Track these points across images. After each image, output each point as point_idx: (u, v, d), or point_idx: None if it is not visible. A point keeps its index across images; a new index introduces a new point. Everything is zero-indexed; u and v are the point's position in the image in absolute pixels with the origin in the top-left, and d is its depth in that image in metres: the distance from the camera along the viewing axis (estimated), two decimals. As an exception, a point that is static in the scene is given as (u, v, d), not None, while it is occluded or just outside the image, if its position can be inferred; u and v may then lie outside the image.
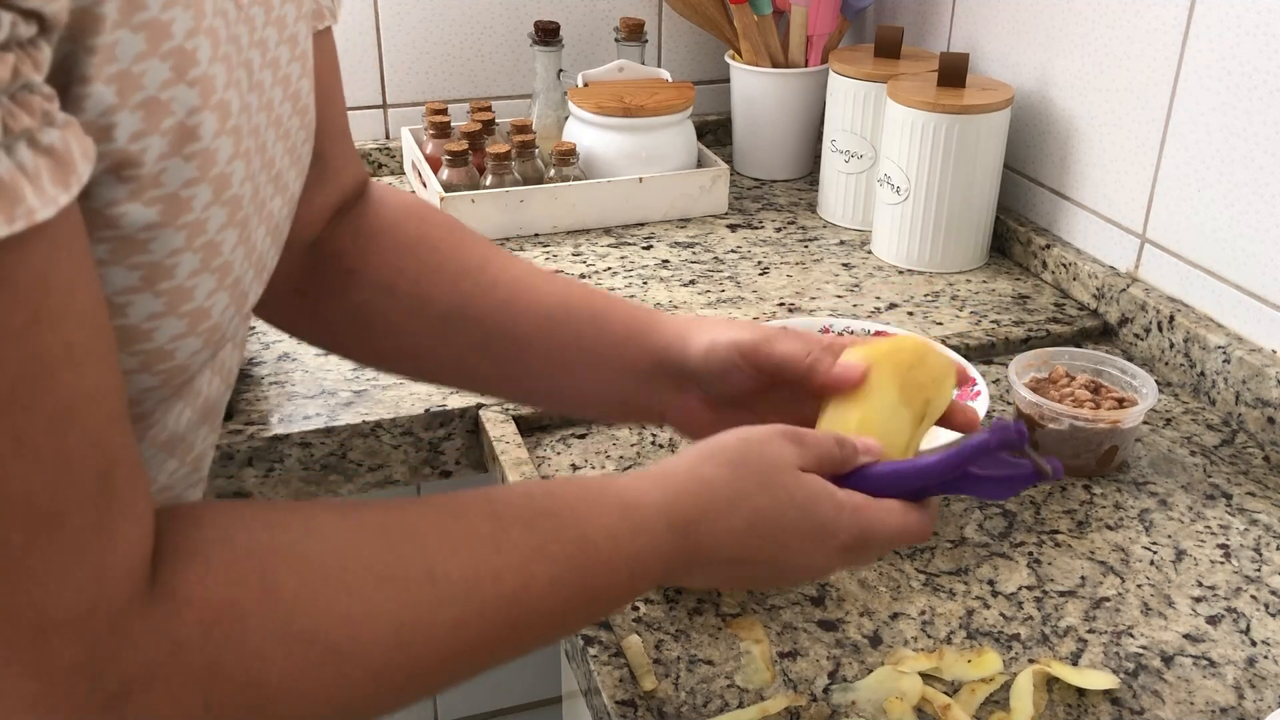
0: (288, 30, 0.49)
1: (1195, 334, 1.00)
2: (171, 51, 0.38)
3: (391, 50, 1.39)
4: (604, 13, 1.46)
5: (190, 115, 0.39)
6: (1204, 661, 0.72)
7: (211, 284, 0.44)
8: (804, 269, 1.21)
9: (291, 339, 1.04)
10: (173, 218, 0.41)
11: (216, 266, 0.44)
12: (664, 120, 1.29)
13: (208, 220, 0.42)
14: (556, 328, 0.70)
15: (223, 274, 0.44)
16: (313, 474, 0.92)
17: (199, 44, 0.39)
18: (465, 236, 0.73)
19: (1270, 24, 0.92)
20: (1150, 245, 1.08)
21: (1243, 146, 0.96)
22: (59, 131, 0.34)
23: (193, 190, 0.41)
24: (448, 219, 0.74)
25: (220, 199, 0.42)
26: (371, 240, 0.70)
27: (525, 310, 0.70)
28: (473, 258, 0.71)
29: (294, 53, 0.50)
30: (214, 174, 0.42)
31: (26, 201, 0.32)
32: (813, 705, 0.68)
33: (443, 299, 0.70)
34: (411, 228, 0.71)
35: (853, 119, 1.26)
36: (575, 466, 0.89)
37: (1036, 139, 1.21)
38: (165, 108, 0.38)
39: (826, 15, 1.36)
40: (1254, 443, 0.94)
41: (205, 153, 0.41)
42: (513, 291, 0.70)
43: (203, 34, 0.40)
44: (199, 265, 0.43)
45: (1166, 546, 0.82)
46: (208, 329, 0.45)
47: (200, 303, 0.44)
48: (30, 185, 0.33)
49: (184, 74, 0.39)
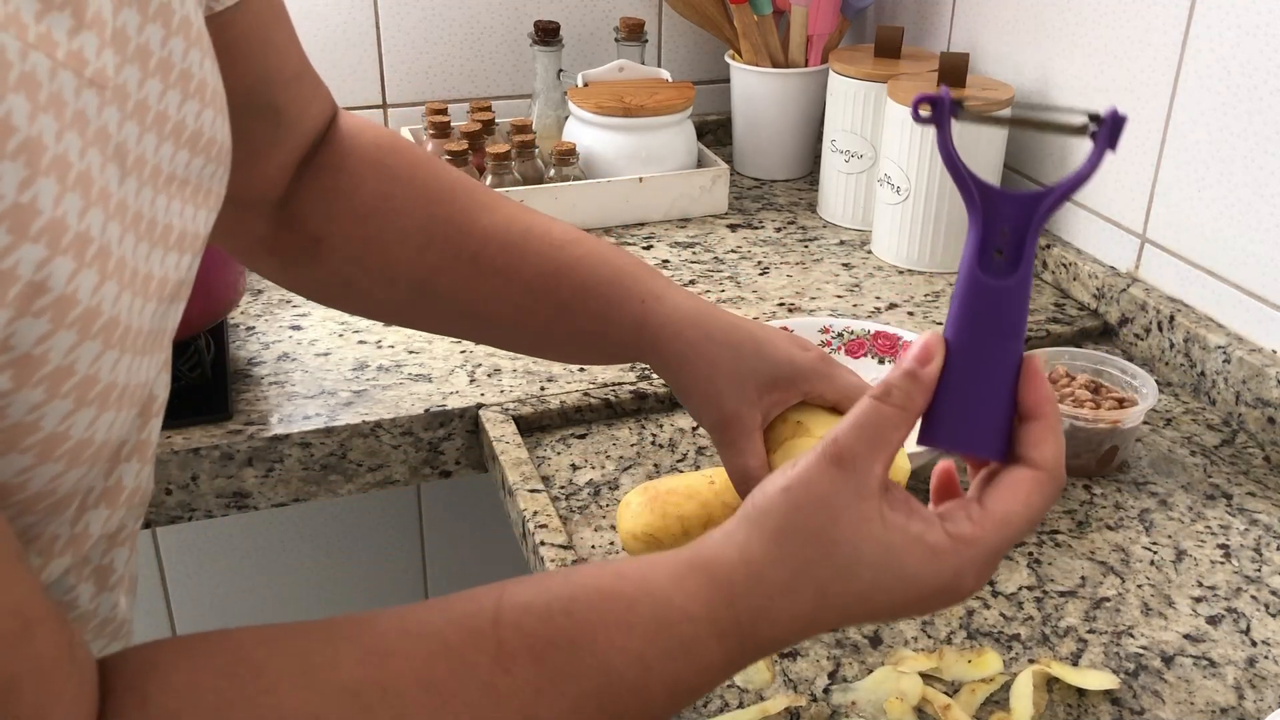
0: (175, 69, 0.45)
1: (1195, 334, 1.00)
2: (5, 214, 0.33)
3: (391, 50, 1.39)
4: (604, 13, 1.46)
5: (38, 270, 0.35)
6: (1204, 661, 0.72)
7: (90, 414, 0.40)
8: (804, 269, 1.21)
9: (291, 340, 1.04)
10: (27, 378, 0.36)
11: (92, 397, 0.39)
12: (664, 120, 1.29)
13: (75, 361, 0.38)
14: (526, 313, 0.70)
15: (104, 397, 0.40)
16: (313, 474, 0.92)
17: (39, 190, 0.34)
18: (431, 191, 0.69)
19: (1270, 24, 0.92)
20: (1150, 245, 1.08)
21: (1243, 146, 0.96)
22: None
23: (48, 344, 0.36)
24: (413, 168, 0.69)
25: (90, 333, 0.38)
26: (334, 206, 0.67)
27: (492, 290, 0.69)
28: (437, 221, 0.68)
29: (188, 90, 0.46)
30: (74, 315, 0.37)
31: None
32: (813, 705, 0.68)
33: (410, 273, 0.68)
34: (372, 187, 0.68)
35: (853, 119, 1.26)
36: (575, 466, 0.89)
37: (1036, 139, 1.21)
38: (10, 275, 0.34)
39: (826, 15, 1.36)
40: (1254, 443, 0.94)
41: (60, 299, 0.36)
42: (478, 269, 0.68)
43: (43, 175, 0.35)
44: (71, 406, 0.38)
45: (1166, 546, 0.82)
46: (91, 452, 0.41)
47: (79, 436, 0.40)
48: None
49: (25, 231, 0.34)
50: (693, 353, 0.68)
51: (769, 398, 0.69)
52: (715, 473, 0.77)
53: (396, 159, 0.70)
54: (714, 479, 0.77)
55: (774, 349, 0.69)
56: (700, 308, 0.70)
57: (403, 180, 0.69)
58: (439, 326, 0.73)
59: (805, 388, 0.69)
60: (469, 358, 1.01)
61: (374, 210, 0.68)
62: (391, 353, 1.02)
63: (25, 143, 0.34)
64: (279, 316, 1.09)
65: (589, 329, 0.70)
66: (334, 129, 0.69)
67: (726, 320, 0.70)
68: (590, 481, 0.87)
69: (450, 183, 0.70)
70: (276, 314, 1.09)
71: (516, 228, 0.69)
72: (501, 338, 0.74)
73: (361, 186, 0.68)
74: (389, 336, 1.05)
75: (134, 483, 0.48)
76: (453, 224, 0.68)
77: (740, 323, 0.70)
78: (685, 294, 0.71)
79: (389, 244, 0.68)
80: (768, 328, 0.71)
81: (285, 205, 0.68)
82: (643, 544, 0.75)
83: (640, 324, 0.69)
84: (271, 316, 1.08)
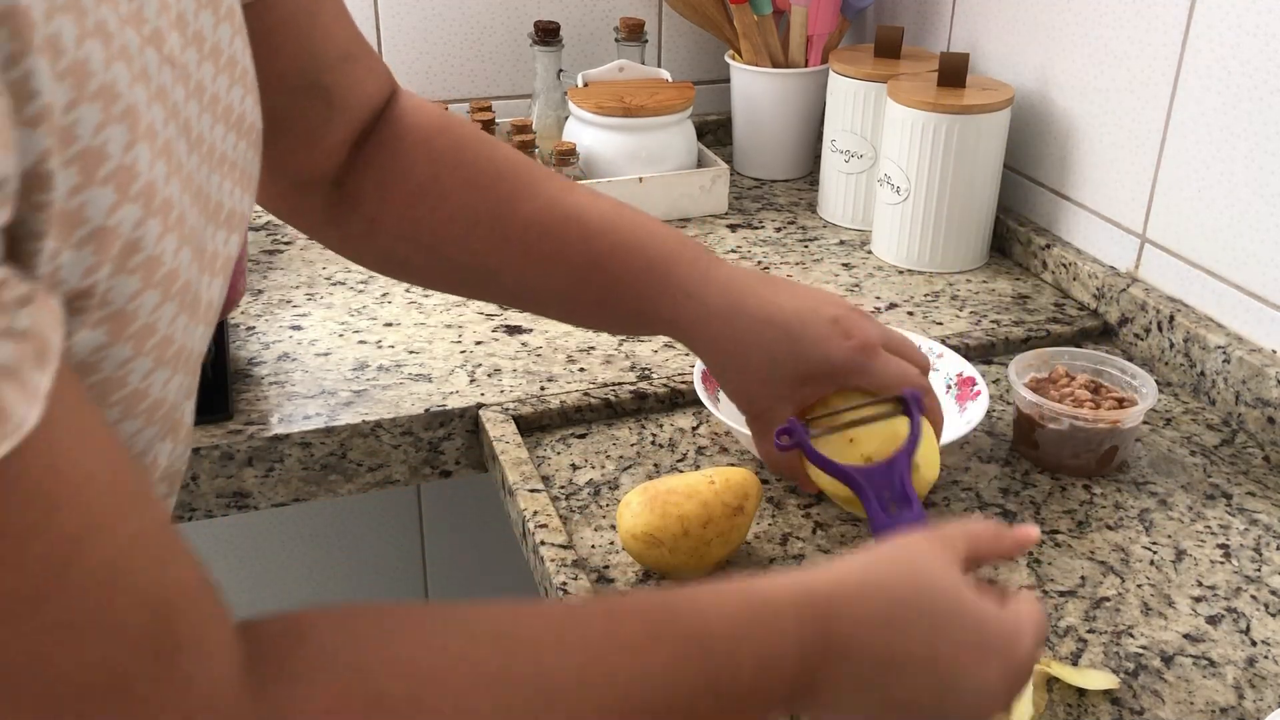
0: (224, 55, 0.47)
1: (1195, 334, 1.00)
2: (113, 174, 0.36)
3: (391, 50, 1.39)
4: (604, 13, 1.46)
5: (135, 229, 0.38)
6: (1204, 661, 0.72)
7: (166, 374, 0.43)
8: (804, 269, 1.21)
9: (291, 340, 1.04)
10: (120, 332, 0.39)
11: (169, 357, 0.42)
12: (664, 120, 1.29)
13: (157, 320, 0.41)
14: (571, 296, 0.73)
15: (175, 361, 0.43)
16: (313, 474, 0.92)
17: (138, 154, 0.37)
18: (481, 174, 0.71)
19: (1270, 24, 0.92)
20: (1150, 245, 1.08)
21: (1243, 146, 0.96)
22: (29, 310, 0.32)
23: (139, 300, 0.39)
24: (461, 150, 0.72)
25: (170, 294, 0.41)
26: (387, 187, 0.70)
27: (539, 271, 0.72)
28: (484, 205, 0.71)
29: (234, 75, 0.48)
30: (160, 275, 0.40)
31: (14, 415, 0.31)
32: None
33: (459, 255, 0.72)
34: (423, 169, 0.70)
35: (853, 119, 1.26)
36: (575, 466, 0.89)
37: (1036, 139, 1.21)
38: (113, 233, 0.36)
39: (826, 15, 1.36)
40: (1254, 443, 0.94)
41: (150, 260, 0.39)
42: (526, 252, 0.71)
43: (141, 140, 0.37)
44: (152, 365, 0.41)
45: (1166, 546, 0.82)
46: (163, 413, 0.44)
47: (156, 395, 0.43)
48: (13, 386, 0.31)
49: (127, 191, 0.37)
50: (722, 354, 0.72)
51: (802, 391, 0.71)
52: (715, 473, 0.77)
53: (445, 141, 0.72)
54: (714, 479, 0.77)
55: (809, 345, 0.70)
56: (732, 303, 0.70)
57: (449, 164, 0.71)
58: (488, 298, 0.80)
59: (840, 382, 0.71)
60: (469, 358, 1.01)
61: (423, 193, 0.70)
62: (391, 353, 1.02)
63: (127, 109, 0.36)
64: (279, 316, 1.09)
65: (629, 319, 0.74)
66: (392, 107, 0.71)
67: (761, 314, 0.70)
68: (590, 481, 0.87)
69: (495, 165, 0.72)
70: (276, 314, 1.09)
71: (556, 215, 0.71)
72: (549, 313, 0.78)
73: (412, 169, 0.70)
74: (389, 336, 1.05)
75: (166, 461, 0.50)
76: (495, 210, 0.71)
77: (776, 315, 0.70)
78: (718, 286, 0.71)
79: (438, 226, 0.71)
80: (808, 314, 0.71)
81: (342, 184, 0.70)
82: (643, 544, 0.75)
83: (673, 323, 0.72)
84: (271, 316, 1.08)
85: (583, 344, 1.04)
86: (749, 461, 0.89)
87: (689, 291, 0.70)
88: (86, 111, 0.34)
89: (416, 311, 1.09)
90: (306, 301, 1.11)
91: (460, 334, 1.05)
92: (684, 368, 1.00)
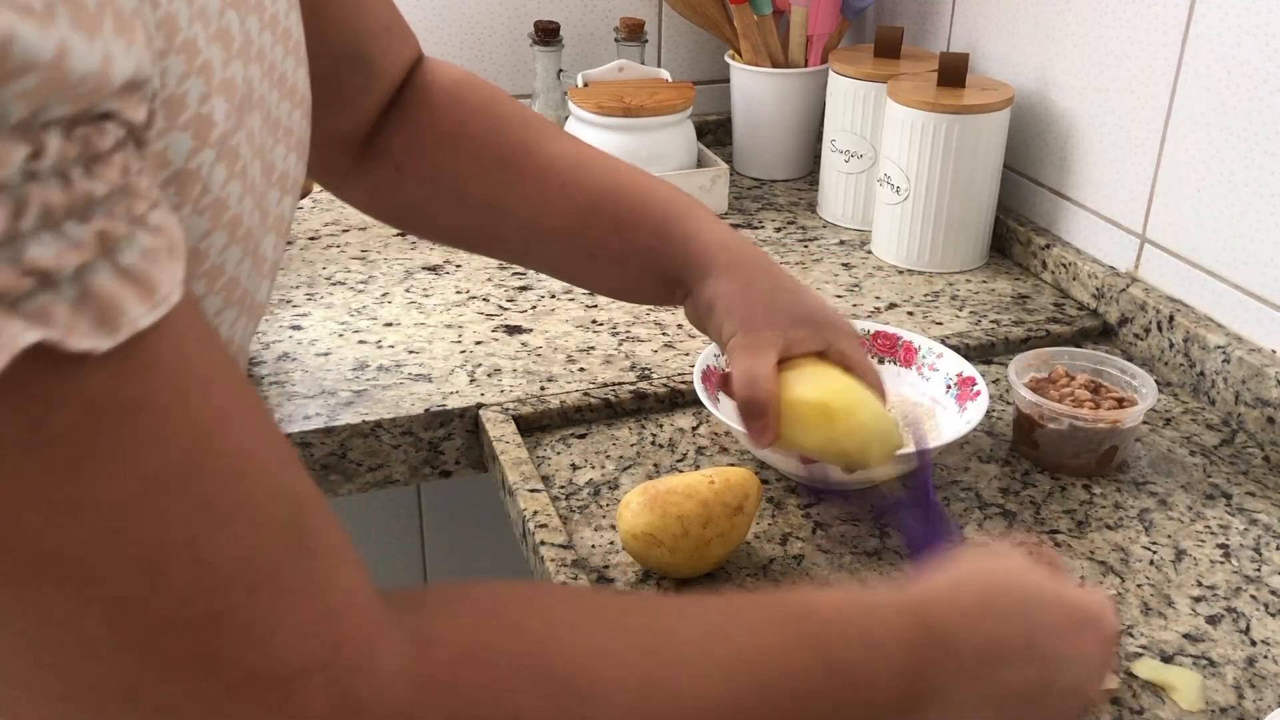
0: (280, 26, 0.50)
1: (1195, 334, 1.00)
2: (191, 120, 0.38)
3: (391, 50, 1.39)
4: (604, 13, 1.46)
5: (209, 173, 0.40)
6: (1204, 661, 0.72)
7: (233, 315, 0.45)
8: (804, 269, 1.21)
9: (291, 340, 1.04)
10: (194, 269, 0.41)
11: (237, 298, 0.44)
12: (664, 120, 1.29)
13: (224, 262, 0.43)
14: (583, 226, 0.75)
15: (242, 302, 0.45)
16: (313, 474, 0.92)
17: (214, 105, 0.40)
18: (502, 118, 0.76)
19: (1270, 24, 0.92)
20: (1150, 245, 1.08)
21: (1243, 146, 0.96)
22: (159, 210, 0.34)
23: (209, 240, 0.41)
24: (485, 99, 0.77)
25: (235, 238, 0.43)
26: (414, 137, 0.74)
27: (554, 207, 0.75)
28: (507, 145, 0.75)
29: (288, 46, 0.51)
30: (227, 218, 0.42)
31: (160, 287, 0.33)
32: (813, 705, 0.68)
33: (478, 192, 0.75)
34: (449, 115, 0.75)
35: (853, 119, 1.26)
36: (575, 466, 0.89)
37: (1036, 139, 1.21)
38: (193, 175, 0.39)
39: (826, 15, 1.36)
40: (1254, 443, 0.94)
41: (217, 202, 0.41)
42: (543, 185, 0.75)
43: (216, 93, 0.40)
44: (221, 304, 0.43)
45: (1166, 546, 0.82)
46: (231, 352, 0.46)
47: (224, 334, 0.44)
48: (157, 267, 0.33)
49: (206, 139, 0.39)
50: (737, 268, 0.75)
51: (796, 332, 0.74)
52: (715, 473, 0.77)
53: (472, 93, 0.77)
54: (714, 479, 0.77)
55: (808, 294, 0.77)
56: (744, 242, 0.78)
57: (476, 111, 0.76)
58: (501, 245, 0.80)
59: (830, 337, 0.74)
60: (469, 358, 1.01)
61: (450, 136, 0.75)
62: (391, 353, 1.02)
63: (204, 64, 0.39)
64: (279, 316, 1.09)
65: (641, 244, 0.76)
66: (417, 72, 0.76)
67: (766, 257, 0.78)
68: (590, 481, 0.87)
69: (519, 115, 0.78)
70: (276, 314, 1.09)
71: (581, 154, 0.78)
72: (558, 252, 0.79)
73: (440, 117, 0.75)
74: (389, 336, 1.05)
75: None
76: (522, 147, 0.76)
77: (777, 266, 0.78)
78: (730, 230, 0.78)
79: (461, 165, 0.75)
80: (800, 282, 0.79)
81: (371, 140, 0.75)
82: (643, 544, 0.75)
83: (691, 236, 0.76)
84: (271, 316, 1.08)
85: (582, 344, 1.04)
86: (749, 461, 0.89)
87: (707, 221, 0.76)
88: (173, 62, 0.37)
89: (416, 311, 1.09)
90: (306, 301, 1.11)
91: (460, 334, 1.05)
92: (684, 368, 1.00)
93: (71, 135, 0.31)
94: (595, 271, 0.80)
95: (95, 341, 0.31)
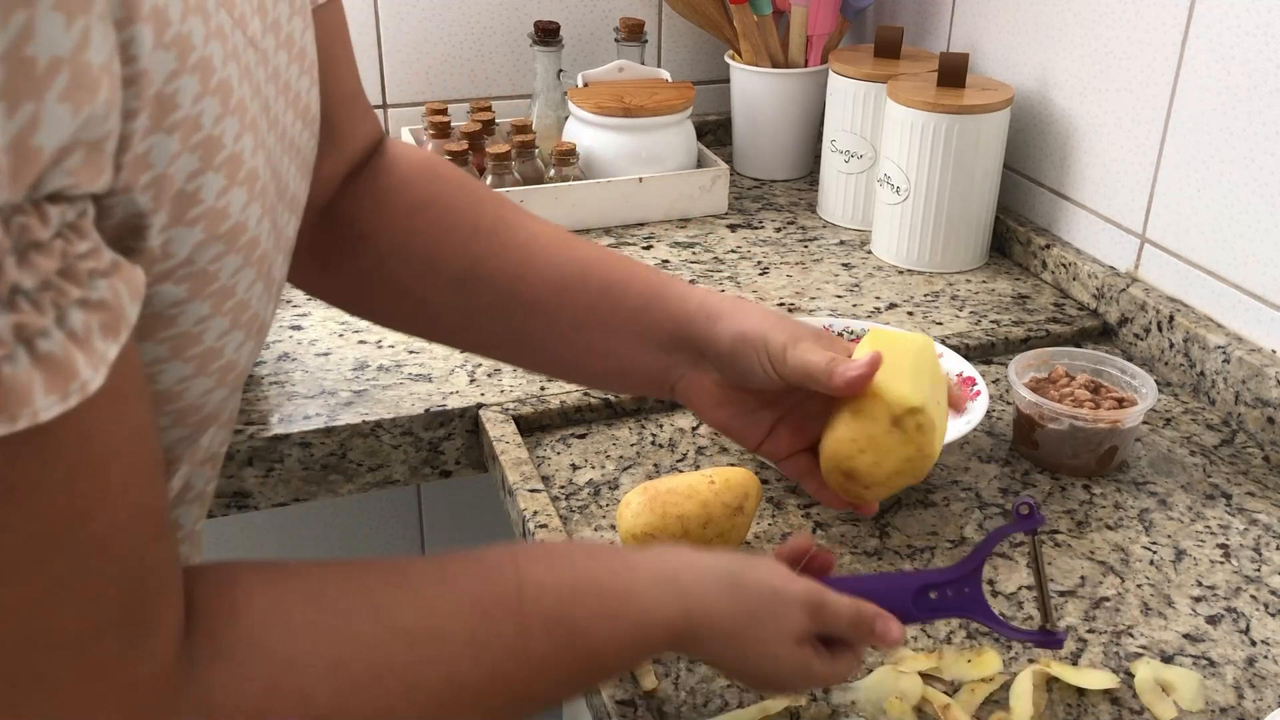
0: (296, 46, 0.50)
1: (1195, 334, 1.00)
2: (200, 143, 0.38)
3: (391, 50, 1.39)
4: (604, 13, 1.46)
5: (219, 198, 0.40)
6: (1204, 661, 0.72)
7: (239, 338, 0.45)
8: (804, 269, 1.21)
9: (291, 340, 1.04)
10: (200, 290, 0.41)
11: (244, 321, 0.45)
12: (664, 120, 1.29)
13: (236, 284, 0.43)
14: (570, 294, 0.69)
15: (249, 326, 0.46)
16: (313, 474, 0.92)
17: (226, 126, 0.40)
18: (479, 194, 0.72)
19: (1270, 24, 0.92)
20: (1150, 245, 1.08)
21: (1243, 146, 0.96)
22: (107, 281, 0.34)
23: (220, 262, 0.41)
24: (461, 176, 0.73)
25: (249, 260, 0.43)
26: (383, 203, 0.70)
27: (538, 275, 0.69)
28: (486, 218, 0.70)
29: (303, 66, 0.50)
30: (243, 241, 0.42)
31: (79, 374, 0.33)
32: (813, 705, 0.68)
33: (454, 261, 0.69)
34: (423, 187, 0.71)
35: (853, 119, 1.26)
36: (575, 466, 0.89)
37: (1036, 139, 1.21)
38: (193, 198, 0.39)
39: (826, 15, 1.36)
40: (1254, 443, 0.94)
41: (235, 226, 0.41)
42: (527, 254, 0.69)
43: (230, 115, 0.40)
44: (228, 325, 0.44)
45: (1166, 546, 0.82)
46: (234, 376, 0.46)
47: (229, 357, 0.45)
48: (83, 352, 0.33)
49: (211, 161, 0.39)
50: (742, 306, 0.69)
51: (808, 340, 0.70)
52: (715, 473, 0.77)
53: (446, 169, 0.73)
54: (714, 479, 0.77)
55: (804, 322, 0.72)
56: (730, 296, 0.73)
57: (452, 185, 0.72)
58: (467, 322, 0.71)
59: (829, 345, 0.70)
60: (469, 357, 1.01)
61: (423, 204, 0.71)
62: (391, 353, 1.02)
63: (220, 83, 0.39)
64: (279, 316, 1.09)
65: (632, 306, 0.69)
66: (383, 149, 0.72)
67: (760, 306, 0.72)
68: (590, 481, 0.87)
69: (496, 195, 0.74)
70: (276, 314, 1.09)
71: (561, 230, 0.73)
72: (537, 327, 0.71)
73: (410, 187, 0.71)
74: (389, 336, 1.05)
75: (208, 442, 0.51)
76: (501, 220, 0.71)
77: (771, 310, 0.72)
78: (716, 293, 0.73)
79: (436, 233, 0.70)
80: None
81: (331, 208, 0.70)
82: (642, 544, 0.75)
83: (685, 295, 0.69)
84: (271, 316, 1.08)
85: (583, 344, 1.04)
86: (749, 461, 0.89)
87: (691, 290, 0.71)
88: (187, 82, 0.37)
89: (416, 311, 1.09)
90: (306, 301, 1.11)
91: (460, 334, 1.05)
92: (684, 368, 1.00)
93: (9, 224, 0.30)
94: (579, 347, 0.71)
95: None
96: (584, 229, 1.28)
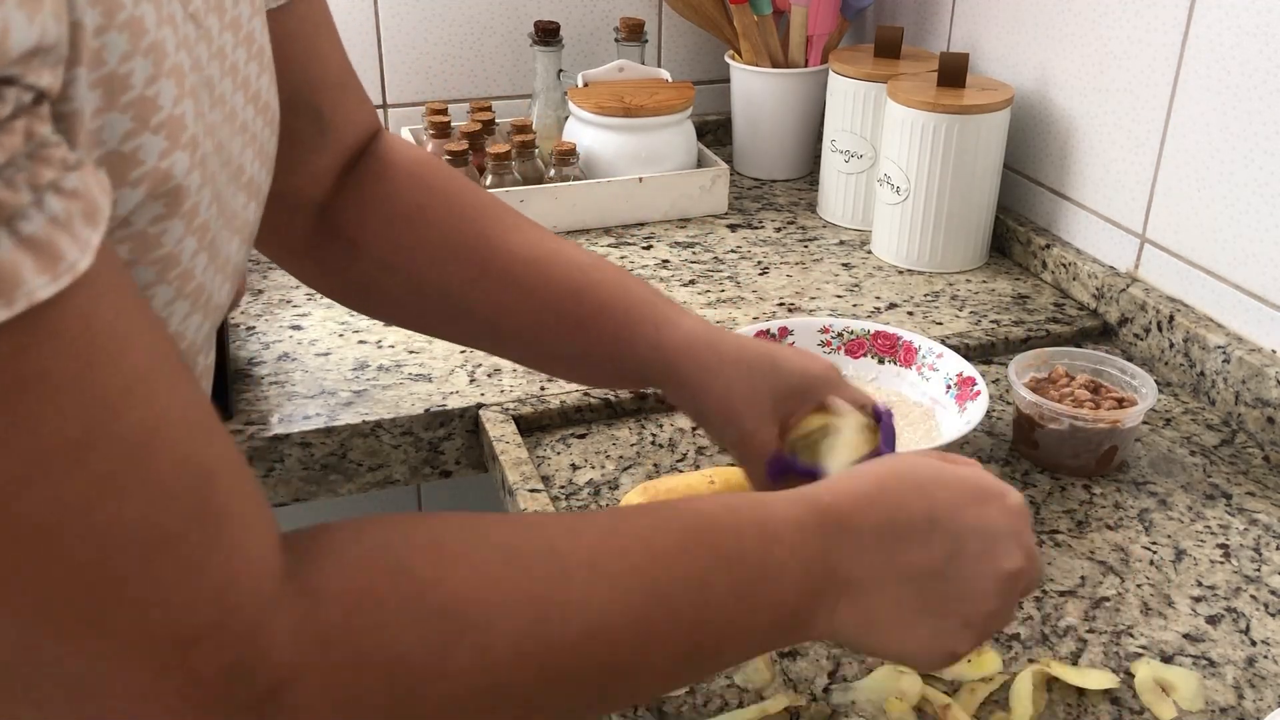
0: (243, 30, 0.49)
1: (1195, 334, 1.00)
2: (133, 102, 0.38)
3: (391, 50, 1.39)
4: (604, 13, 1.46)
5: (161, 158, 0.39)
6: (1204, 661, 0.72)
7: (185, 308, 0.44)
8: (804, 269, 1.21)
9: (291, 340, 1.04)
10: (142, 254, 0.41)
11: (190, 291, 0.44)
12: (664, 120, 1.29)
13: (181, 253, 0.42)
14: (544, 331, 0.71)
15: (196, 296, 0.45)
16: (313, 474, 0.92)
17: (161, 88, 0.39)
18: (463, 207, 0.72)
19: (1270, 24, 0.92)
20: (1150, 245, 1.08)
21: (1243, 146, 0.96)
22: (77, 174, 0.34)
23: (161, 225, 0.41)
24: (447, 183, 0.73)
25: (191, 228, 0.43)
26: (371, 211, 0.70)
27: (513, 308, 0.71)
28: (468, 235, 0.71)
29: (251, 51, 0.50)
30: (185, 208, 0.42)
31: (66, 255, 0.33)
32: (812, 705, 0.68)
33: (438, 282, 0.71)
34: (409, 197, 0.71)
35: (853, 119, 1.26)
36: (575, 466, 0.89)
37: (1036, 139, 1.21)
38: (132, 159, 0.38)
39: (826, 15, 1.36)
40: (1254, 443, 0.94)
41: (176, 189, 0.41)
42: (503, 286, 0.70)
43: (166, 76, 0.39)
44: (173, 294, 0.43)
45: (1166, 546, 0.82)
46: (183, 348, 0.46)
47: (175, 328, 0.44)
48: (66, 235, 0.33)
49: (147, 123, 0.39)
50: (707, 375, 0.70)
51: (784, 408, 0.70)
52: (715, 472, 0.77)
53: (433, 175, 0.73)
54: (714, 479, 0.77)
55: (787, 362, 0.71)
56: (712, 331, 0.72)
57: (437, 193, 0.72)
58: (460, 336, 0.76)
59: (817, 395, 0.71)
60: (469, 358, 1.01)
61: (408, 218, 0.71)
62: (391, 353, 1.02)
63: (153, 45, 0.38)
64: (279, 316, 1.09)
65: (604, 349, 0.71)
66: (376, 144, 0.72)
67: (737, 340, 0.72)
68: (590, 481, 0.87)
69: (481, 202, 0.73)
70: (276, 314, 1.09)
71: (543, 248, 0.72)
72: (519, 351, 0.75)
73: (398, 195, 0.71)
74: (389, 336, 1.05)
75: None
76: (482, 239, 0.71)
77: (751, 341, 0.72)
78: (698, 319, 0.73)
79: (419, 252, 0.70)
80: (778, 345, 0.73)
81: (326, 209, 0.70)
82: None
83: (656, 345, 0.70)
84: (271, 316, 1.08)
85: (583, 344, 1.04)
86: (749, 461, 0.89)
87: (673, 321, 0.71)
88: (114, 39, 0.36)
89: (416, 311, 1.09)
90: (306, 301, 1.11)
91: (460, 334, 1.05)
92: (684, 368, 1.00)
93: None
94: (559, 369, 0.77)
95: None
96: (584, 229, 1.28)
